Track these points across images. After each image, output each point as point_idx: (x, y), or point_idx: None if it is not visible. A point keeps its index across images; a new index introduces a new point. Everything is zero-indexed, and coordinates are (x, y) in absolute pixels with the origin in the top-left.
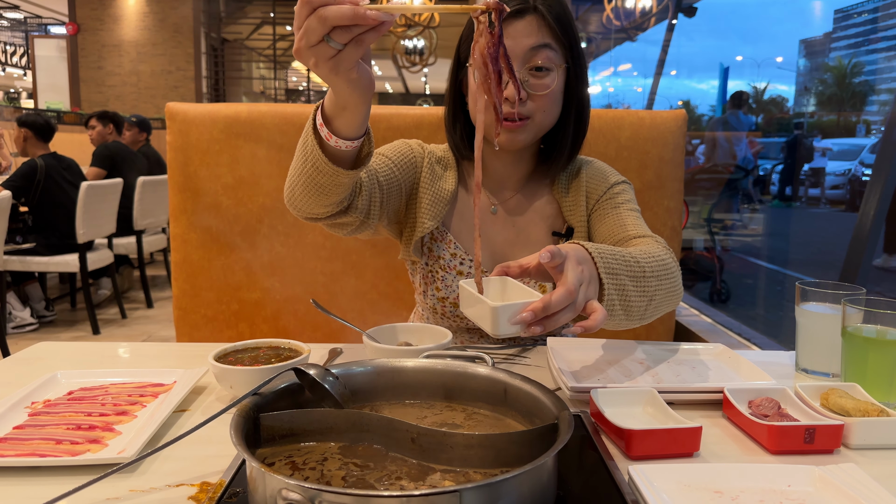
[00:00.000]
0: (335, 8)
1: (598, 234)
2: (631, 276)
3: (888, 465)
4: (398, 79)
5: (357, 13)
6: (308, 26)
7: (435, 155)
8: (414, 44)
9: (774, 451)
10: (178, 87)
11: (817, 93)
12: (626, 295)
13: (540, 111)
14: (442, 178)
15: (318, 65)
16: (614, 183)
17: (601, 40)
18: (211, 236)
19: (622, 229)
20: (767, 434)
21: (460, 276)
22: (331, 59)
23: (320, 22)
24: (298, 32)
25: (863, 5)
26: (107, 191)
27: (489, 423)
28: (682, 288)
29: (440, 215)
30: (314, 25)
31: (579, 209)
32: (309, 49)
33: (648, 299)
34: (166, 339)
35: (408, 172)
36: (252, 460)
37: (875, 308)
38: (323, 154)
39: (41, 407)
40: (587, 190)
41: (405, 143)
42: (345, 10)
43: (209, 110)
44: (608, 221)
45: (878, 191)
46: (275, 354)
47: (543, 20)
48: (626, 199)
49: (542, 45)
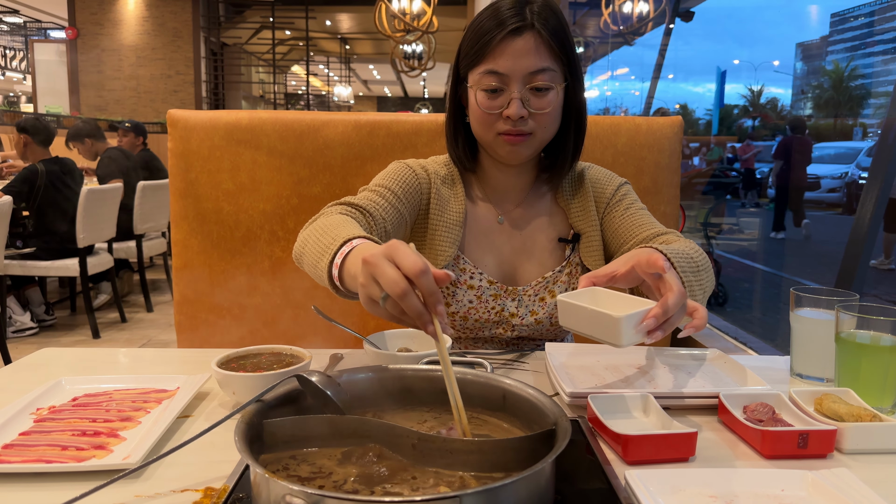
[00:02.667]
0: (415, 304)
1: (617, 234)
2: (692, 271)
3: (881, 470)
4: (397, 83)
5: (422, 318)
6: (387, 278)
7: (440, 175)
8: (413, 48)
9: (768, 456)
10: (178, 91)
11: (814, 96)
12: (692, 291)
13: (541, 128)
14: (450, 201)
15: (363, 287)
16: (619, 185)
17: (598, 44)
18: (212, 242)
19: (641, 228)
20: (762, 439)
21: (471, 291)
22: (372, 301)
23: (396, 294)
24: (380, 270)
25: (859, 9)
26: (107, 195)
27: (488, 429)
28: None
29: (457, 241)
30: (392, 288)
31: (588, 214)
32: (371, 278)
33: (703, 291)
34: (166, 343)
35: (413, 205)
36: (256, 466)
37: (868, 314)
38: (330, 283)
39: (46, 413)
40: (594, 195)
41: (409, 169)
42: (416, 311)
43: (210, 117)
44: (625, 223)
45: (875, 194)
46: (277, 360)
47: (541, 38)
48: (633, 199)
49: (542, 68)
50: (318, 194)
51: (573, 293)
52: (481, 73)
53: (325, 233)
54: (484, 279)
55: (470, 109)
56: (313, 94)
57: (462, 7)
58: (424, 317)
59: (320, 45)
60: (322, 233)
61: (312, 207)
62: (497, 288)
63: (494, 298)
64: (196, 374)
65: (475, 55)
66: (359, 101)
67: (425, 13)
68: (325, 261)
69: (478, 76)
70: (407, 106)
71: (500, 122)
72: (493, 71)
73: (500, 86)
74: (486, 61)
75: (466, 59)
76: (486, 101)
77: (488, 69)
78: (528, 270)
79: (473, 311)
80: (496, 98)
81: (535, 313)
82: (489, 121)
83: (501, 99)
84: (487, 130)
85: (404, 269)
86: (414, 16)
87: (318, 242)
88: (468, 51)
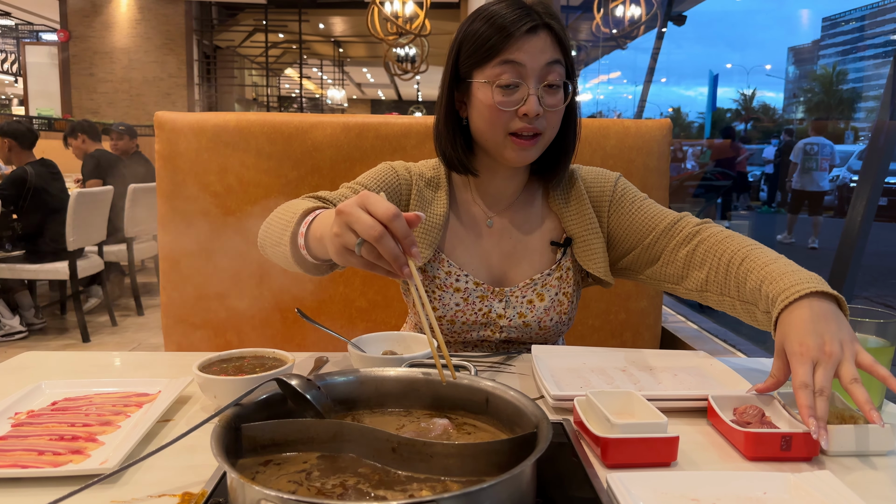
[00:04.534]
0: (391, 246)
1: (632, 230)
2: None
3: (864, 473)
4: (391, 86)
5: (398, 260)
6: (362, 223)
7: (424, 177)
8: (406, 52)
9: (751, 458)
10: (170, 94)
11: (805, 100)
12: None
13: (551, 127)
14: (433, 203)
15: (336, 237)
16: (615, 181)
17: (591, 48)
18: (199, 245)
19: (656, 219)
20: (744, 441)
21: (458, 294)
22: (346, 250)
23: (372, 237)
24: (354, 216)
25: (850, 13)
26: (97, 198)
27: (470, 432)
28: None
29: (435, 242)
30: (367, 232)
31: (584, 217)
32: (346, 226)
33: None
34: (156, 346)
35: (395, 203)
36: (232, 471)
37: (854, 316)
38: (289, 248)
39: (24, 418)
40: (591, 196)
41: (391, 169)
42: (392, 253)
43: (197, 119)
44: (637, 217)
45: (865, 197)
46: (259, 364)
47: (554, 36)
48: (634, 191)
49: (555, 61)
50: None
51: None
52: (496, 65)
53: (286, 210)
54: (470, 281)
55: (476, 109)
56: (307, 97)
57: (455, 10)
58: (400, 258)
59: (314, 48)
60: (283, 211)
61: None
62: (484, 289)
63: (481, 300)
64: (178, 378)
65: (487, 51)
66: (352, 104)
67: (418, 16)
68: (288, 233)
69: (491, 70)
70: (401, 109)
71: (515, 121)
72: (510, 61)
73: (517, 80)
74: (503, 54)
75: (474, 56)
76: (501, 98)
77: (505, 59)
78: (517, 273)
79: (461, 314)
80: (512, 94)
81: (524, 315)
82: (502, 119)
83: (517, 95)
84: (498, 130)
85: (378, 215)
86: (406, 19)
87: (280, 220)
88: (476, 48)
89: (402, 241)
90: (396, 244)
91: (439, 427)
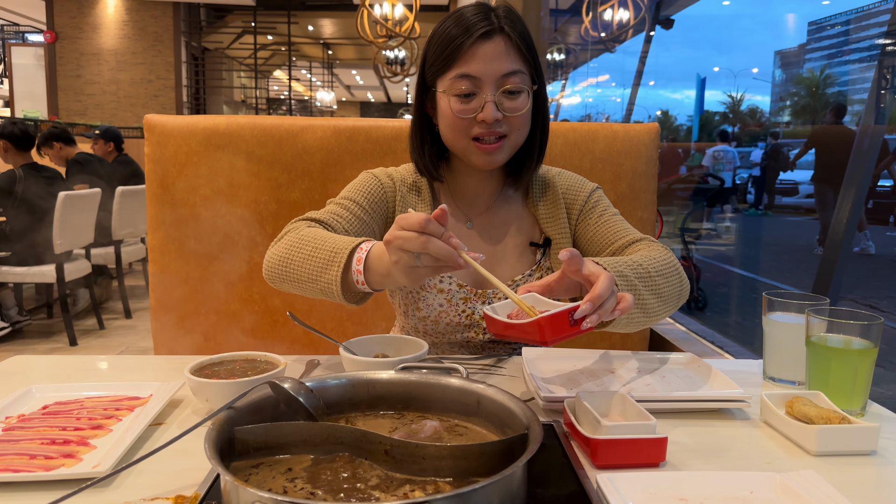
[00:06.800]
0: (439, 245)
1: (593, 242)
2: (639, 277)
3: (848, 472)
4: (380, 88)
5: (452, 257)
6: (408, 240)
7: (406, 182)
8: (395, 54)
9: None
10: (159, 95)
11: (792, 103)
12: (639, 294)
13: (515, 130)
14: (416, 207)
15: (398, 264)
16: (591, 192)
17: (580, 51)
18: (189, 248)
19: (616, 236)
20: (538, 328)
21: (441, 294)
22: (410, 268)
23: (422, 246)
24: (401, 237)
25: (836, 17)
26: (85, 201)
27: (462, 434)
28: (688, 282)
29: None
30: (416, 245)
31: (559, 220)
32: (399, 250)
33: (657, 296)
34: (145, 350)
35: (380, 214)
36: (226, 474)
37: (838, 318)
38: (340, 286)
39: (15, 422)
40: (566, 201)
41: (374, 178)
42: (444, 251)
43: (187, 122)
44: (600, 230)
45: (850, 199)
46: (251, 367)
47: (510, 41)
48: (605, 205)
49: (514, 71)
50: (296, 200)
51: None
52: (453, 78)
53: (318, 247)
54: (453, 282)
55: (441, 116)
56: (296, 99)
57: (444, 13)
58: (453, 253)
59: (303, 51)
60: (313, 247)
61: (291, 213)
62: (466, 291)
63: (465, 302)
64: (170, 382)
65: (444, 61)
66: (342, 107)
67: (407, 19)
68: (333, 271)
69: (449, 81)
70: (390, 111)
71: (475, 127)
72: (465, 75)
73: (473, 90)
74: (458, 66)
75: (434, 65)
76: (459, 106)
77: (460, 73)
78: (498, 275)
79: (444, 315)
80: (469, 102)
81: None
82: (462, 126)
83: (475, 103)
84: (461, 136)
85: (413, 227)
86: (396, 22)
87: (314, 256)
88: (436, 57)
89: (442, 237)
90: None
91: (429, 429)
